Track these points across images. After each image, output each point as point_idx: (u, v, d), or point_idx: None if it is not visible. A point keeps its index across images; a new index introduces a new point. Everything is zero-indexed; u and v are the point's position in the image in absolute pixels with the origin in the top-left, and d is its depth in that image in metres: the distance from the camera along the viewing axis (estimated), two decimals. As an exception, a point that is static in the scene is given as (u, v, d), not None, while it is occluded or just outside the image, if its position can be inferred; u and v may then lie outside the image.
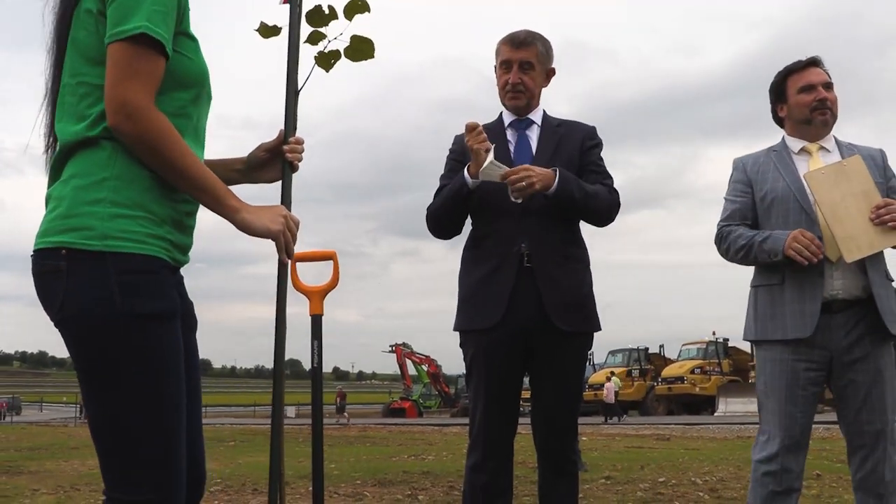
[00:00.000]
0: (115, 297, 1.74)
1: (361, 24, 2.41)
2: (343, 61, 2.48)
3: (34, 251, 1.82)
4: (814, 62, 3.28)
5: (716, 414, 29.82)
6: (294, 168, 2.30)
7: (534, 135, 3.24)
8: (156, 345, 1.79)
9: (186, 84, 1.91)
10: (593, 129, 3.30)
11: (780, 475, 3.05)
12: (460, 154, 3.23)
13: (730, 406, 29.58)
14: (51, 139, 1.97)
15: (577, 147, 3.21)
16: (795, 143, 3.28)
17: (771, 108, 3.39)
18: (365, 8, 2.36)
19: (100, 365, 1.77)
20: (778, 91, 3.34)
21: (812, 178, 3.08)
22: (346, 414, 35.46)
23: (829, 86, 3.25)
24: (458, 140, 3.28)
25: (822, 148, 3.25)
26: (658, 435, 16.99)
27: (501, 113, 3.30)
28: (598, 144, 3.27)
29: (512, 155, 3.17)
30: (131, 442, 1.77)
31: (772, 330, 3.13)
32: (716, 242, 3.31)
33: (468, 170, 3.04)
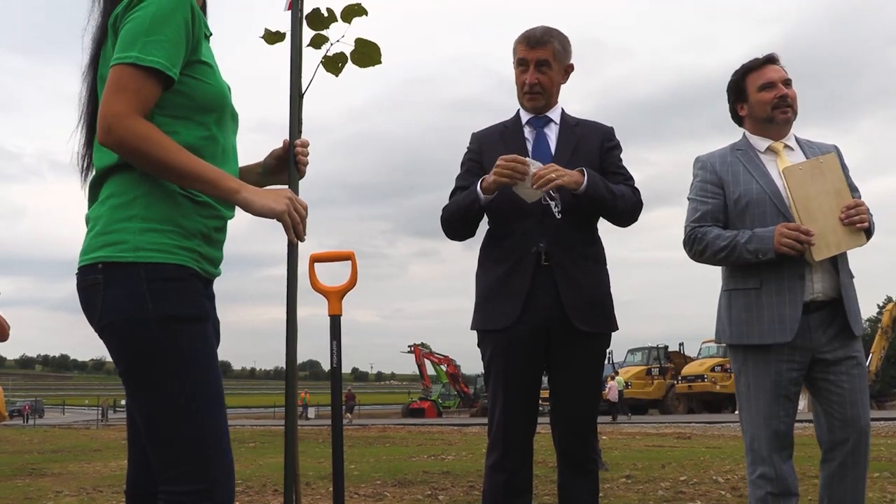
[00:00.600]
0: (148, 303, 1.87)
1: (365, 28, 2.42)
2: (351, 66, 2.48)
3: (78, 269, 1.96)
4: (771, 59, 3.25)
5: (736, 412, 29.65)
6: (301, 171, 2.32)
7: (552, 133, 3.21)
8: (189, 345, 1.90)
9: (207, 108, 2.02)
10: (611, 129, 3.29)
11: (775, 480, 3.02)
12: (477, 153, 3.22)
13: (751, 404, 29.39)
14: (86, 163, 2.10)
15: (596, 147, 3.19)
16: (760, 142, 3.24)
17: (730, 107, 3.36)
18: (362, 12, 2.37)
19: (141, 368, 1.89)
20: (737, 90, 3.30)
21: (789, 174, 3.06)
22: (349, 414, 35.59)
23: (788, 82, 3.22)
24: (475, 139, 3.28)
25: (786, 146, 3.23)
26: (679, 433, 16.93)
27: (519, 110, 3.28)
28: (617, 146, 3.26)
29: (530, 153, 3.14)
30: (177, 438, 1.88)
31: (748, 334, 3.08)
32: (686, 243, 3.23)
33: (481, 184, 3.02)
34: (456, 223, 3.18)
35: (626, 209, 3.12)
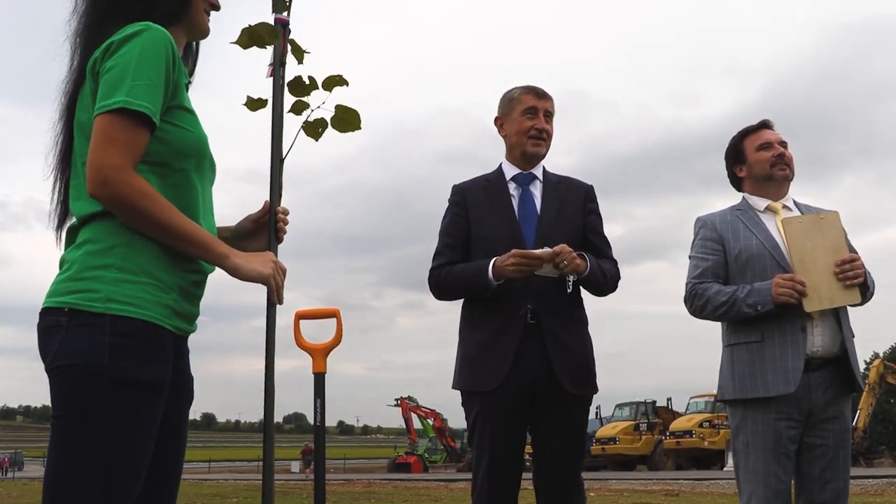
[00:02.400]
0: (104, 357, 1.80)
1: (345, 95, 2.46)
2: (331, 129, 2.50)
3: (41, 309, 1.89)
4: (766, 124, 3.37)
5: (725, 469, 29.40)
6: (279, 238, 2.31)
7: (537, 191, 3.25)
8: (130, 412, 1.83)
9: (186, 154, 1.98)
10: (591, 188, 3.35)
11: None
12: (462, 207, 3.24)
13: (739, 460, 29.18)
14: (60, 213, 2.05)
15: (579, 207, 3.26)
16: (760, 202, 3.30)
17: (728, 171, 3.45)
18: (343, 82, 2.41)
19: (71, 418, 1.82)
20: (736, 152, 3.39)
21: (788, 225, 3.11)
22: (307, 469, 35.21)
23: (784, 144, 3.32)
24: (458, 191, 3.30)
25: (785, 207, 3.29)
26: (667, 490, 16.75)
27: (501, 165, 3.31)
28: (597, 207, 3.33)
29: (516, 211, 3.18)
30: (71, 500, 1.79)
31: (752, 388, 3.08)
32: (686, 300, 3.26)
33: (493, 269, 3.02)
34: (455, 296, 3.22)
35: (610, 286, 3.24)
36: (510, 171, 3.28)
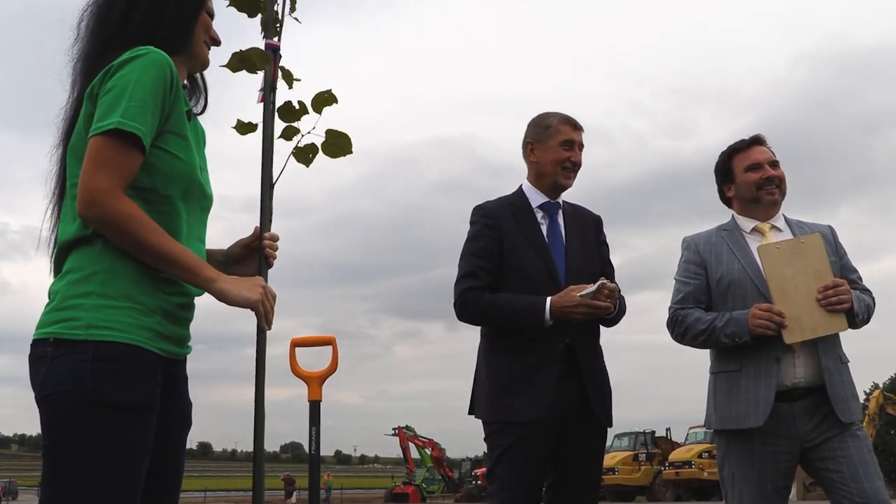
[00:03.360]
0: (88, 383, 1.81)
1: (342, 116, 2.47)
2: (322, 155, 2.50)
3: (32, 341, 1.91)
4: (757, 140, 3.25)
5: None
6: (269, 264, 2.30)
7: (562, 221, 3.28)
8: (118, 437, 1.82)
9: (174, 180, 1.98)
10: (601, 219, 3.41)
11: None
12: (494, 229, 3.18)
13: (739, 491, 28.98)
14: (54, 243, 2.05)
15: (594, 238, 3.33)
16: (747, 223, 3.21)
17: (718, 188, 3.35)
18: (332, 100, 2.42)
19: (60, 446, 1.82)
20: (724, 171, 3.29)
21: (764, 252, 3.00)
22: (290, 500, 34.89)
23: (775, 164, 3.21)
24: (488, 213, 3.25)
25: (773, 227, 3.19)
26: (666, 522, 16.62)
27: (522, 188, 3.31)
28: (606, 238, 3.40)
29: (546, 239, 3.19)
30: None
31: (726, 419, 3.01)
32: (669, 325, 3.19)
33: (551, 311, 3.00)
34: (490, 323, 3.18)
35: (620, 319, 3.26)
36: (536, 197, 3.27)
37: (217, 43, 2.20)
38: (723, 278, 3.10)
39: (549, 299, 3.00)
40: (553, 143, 3.23)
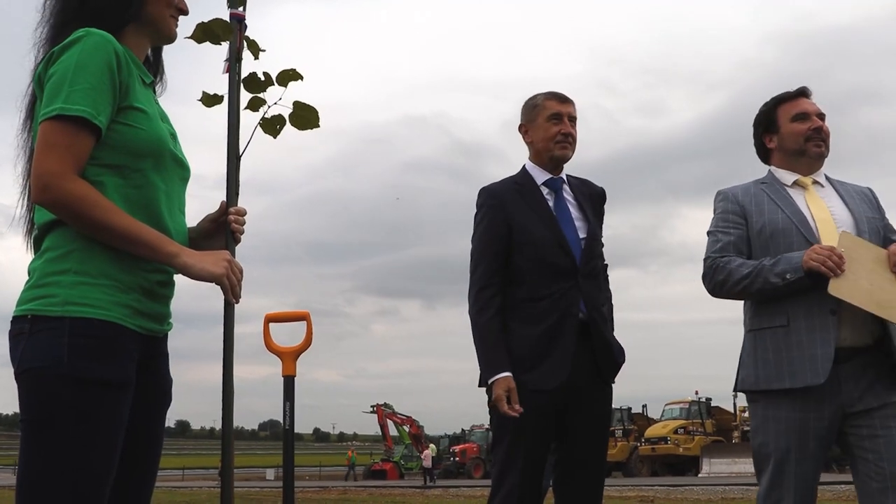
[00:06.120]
0: (64, 358, 1.82)
1: (301, 86, 2.44)
2: (290, 128, 2.48)
3: (11, 319, 1.93)
4: (803, 92, 3.11)
5: (700, 475, 29.56)
6: (236, 239, 2.27)
7: (569, 196, 3.33)
8: (94, 412, 1.84)
9: (142, 153, 1.98)
10: (604, 192, 3.45)
11: None
12: (501, 210, 3.22)
13: (714, 467, 29.32)
14: (29, 219, 2.07)
15: (599, 212, 3.39)
16: (788, 176, 3.05)
17: (755, 140, 3.19)
18: (297, 76, 2.39)
19: (37, 422, 1.84)
20: (767, 121, 3.12)
21: (836, 290, 2.73)
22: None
23: (822, 116, 3.06)
24: (494, 194, 3.29)
25: (815, 182, 3.04)
26: (642, 496, 16.80)
27: (525, 167, 3.36)
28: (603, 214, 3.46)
29: (556, 216, 3.23)
30: None
31: (777, 378, 2.81)
32: (705, 277, 2.99)
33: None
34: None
35: None
36: (540, 175, 3.31)
37: (184, 12, 2.17)
38: (765, 228, 2.93)
39: None
40: (541, 120, 3.29)
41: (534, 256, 3.14)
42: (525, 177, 3.33)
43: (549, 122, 3.28)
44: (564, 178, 3.35)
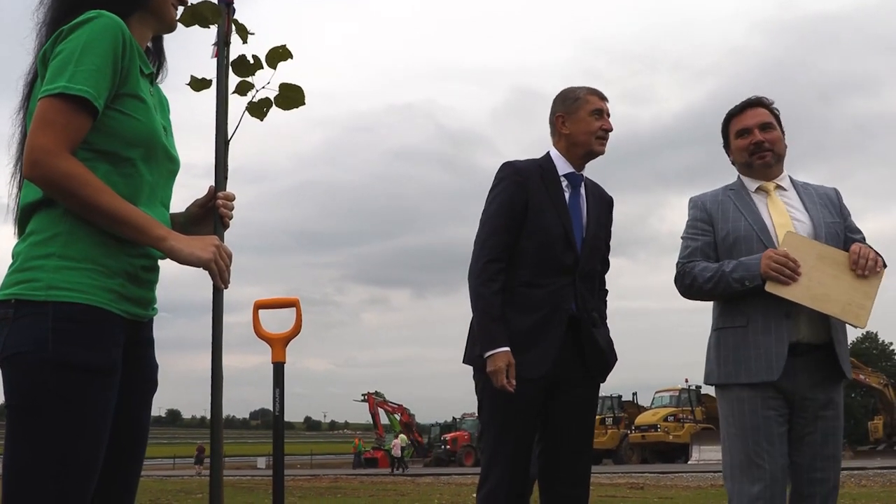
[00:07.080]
0: (48, 344, 1.81)
1: (290, 73, 2.43)
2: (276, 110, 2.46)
3: None
4: (750, 104, 3.26)
5: (690, 462, 29.73)
6: (224, 224, 2.26)
7: (585, 195, 3.36)
8: (79, 397, 1.82)
9: (134, 143, 1.97)
10: (613, 201, 3.51)
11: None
12: (524, 188, 3.23)
13: (703, 454, 29.49)
14: (17, 204, 2.04)
15: (607, 220, 3.44)
16: (751, 183, 3.24)
17: (725, 150, 3.39)
18: (287, 55, 2.38)
19: (22, 407, 1.82)
20: (724, 136, 3.35)
21: (773, 287, 2.94)
22: (197, 466, 34.91)
23: (766, 126, 3.20)
24: (519, 171, 3.30)
25: (778, 186, 3.22)
26: (632, 483, 16.89)
27: (550, 154, 3.36)
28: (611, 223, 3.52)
29: (570, 211, 3.26)
30: (27, 493, 1.79)
31: (735, 373, 3.04)
32: (676, 280, 3.22)
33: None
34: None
35: None
36: (563, 166, 3.33)
37: (183, 2, 2.17)
38: (728, 235, 3.13)
39: None
40: (584, 114, 3.31)
41: (540, 244, 3.17)
42: (548, 163, 3.34)
43: (591, 116, 3.31)
44: (584, 176, 3.38)
